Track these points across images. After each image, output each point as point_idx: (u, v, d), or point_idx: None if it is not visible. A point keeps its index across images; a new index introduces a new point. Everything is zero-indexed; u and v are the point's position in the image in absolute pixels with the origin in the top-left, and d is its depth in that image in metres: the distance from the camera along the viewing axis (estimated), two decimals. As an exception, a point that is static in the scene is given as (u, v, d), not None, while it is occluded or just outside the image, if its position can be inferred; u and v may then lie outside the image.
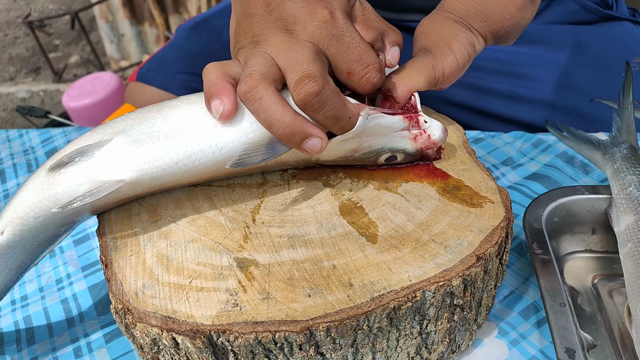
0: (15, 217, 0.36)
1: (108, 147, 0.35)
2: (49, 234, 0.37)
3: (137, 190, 0.36)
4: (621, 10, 0.71)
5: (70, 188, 0.35)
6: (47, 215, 0.36)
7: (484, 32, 0.43)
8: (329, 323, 0.30)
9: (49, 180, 0.36)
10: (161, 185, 0.37)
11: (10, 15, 2.81)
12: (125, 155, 0.35)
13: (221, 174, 0.38)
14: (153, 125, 0.36)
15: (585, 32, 0.68)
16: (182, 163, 0.35)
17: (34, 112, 1.31)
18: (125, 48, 2.25)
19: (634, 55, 0.66)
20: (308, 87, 0.32)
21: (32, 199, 0.36)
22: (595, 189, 0.45)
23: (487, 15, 0.43)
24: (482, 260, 0.33)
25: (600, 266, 0.46)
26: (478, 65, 0.69)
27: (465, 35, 0.41)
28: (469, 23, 0.42)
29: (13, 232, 0.37)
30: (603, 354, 0.39)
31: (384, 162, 0.40)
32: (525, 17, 0.44)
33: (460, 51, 0.40)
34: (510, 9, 0.43)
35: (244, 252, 0.34)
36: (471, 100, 0.70)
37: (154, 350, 0.33)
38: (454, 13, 0.43)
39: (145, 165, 0.35)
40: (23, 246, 0.37)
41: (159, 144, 0.35)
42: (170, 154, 0.35)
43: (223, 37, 0.79)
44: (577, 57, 0.66)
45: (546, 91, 0.66)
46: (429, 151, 0.39)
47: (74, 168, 0.35)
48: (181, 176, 0.36)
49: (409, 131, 0.38)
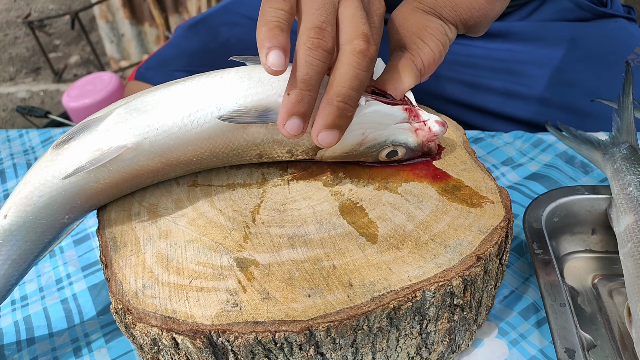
0: (20, 197, 0.36)
1: (110, 118, 0.36)
2: (52, 219, 0.37)
3: (140, 162, 0.36)
4: (616, 8, 0.71)
5: (74, 160, 0.35)
6: (51, 193, 0.36)
7: (453, 20, 0.43)
8: (329, 323, 0.30)
9: (53, 157, 0.36)
10: (162, 155, 0.36)
11: (10, 15, 2.81)
12: (126, 123, 0.36)
13: (220, 144, 0.37)
14: (153, 96, 0.37)
15: (580, 29, 0.68)
16: (182, 124, 0.36)
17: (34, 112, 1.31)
18: (125, 48, 2.25)
19: (629, 52, 0.66)
20: (366, 46, 0.33)
21: (37, 177, 0.36)
22: (595, 189, 0.45)
23: (457, 5, 0.43)
24: (482, 260, 0.33)
25: (600, 266, 0.46)
26: (472, 62, 0.70)
27: (435, 24, 0.42)
28: (438, 12, 0.43)
29: (16, 213, 0.36)
30: (603, 354, 0.39)
31: (385, 159, 0.39)
32: (495, 10, 0.44)
33: (433, 42, 0.41)
34: (479, 0, 0.43)
35: (244, 252, 0.34)
36: (466, 97, 0.71)
37: (154, 350, 0.33)
38: (423, 3, 0.43)
39: (146, 129, 0.36)
40: (26, 231, 0.37)
41: (159, 110, 0.36)
42: (171, 117, 0.36)
43: (221, 36, 0.79)
44: (571, 54, 0.67)
45: (540, 88, 0.67)
46: (431, 144, 0.39)
47: (77, 142, 0.36)
48: (181, 141, 0.36)
49: (409, 124, 0.38)
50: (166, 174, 0.39)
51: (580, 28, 0.68)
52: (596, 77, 0.65)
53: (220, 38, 0.79)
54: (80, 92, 1.49)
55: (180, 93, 0.37)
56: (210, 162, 0.39)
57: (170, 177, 0.40)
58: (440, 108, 0.49)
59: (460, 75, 0.70)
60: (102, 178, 0.36)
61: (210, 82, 0.37)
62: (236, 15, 0.80)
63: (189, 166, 0.39)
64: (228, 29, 0.79)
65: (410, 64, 0.40)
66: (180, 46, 0.82)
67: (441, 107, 0.70)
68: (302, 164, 0.41)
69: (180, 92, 0.37)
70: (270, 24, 0.33)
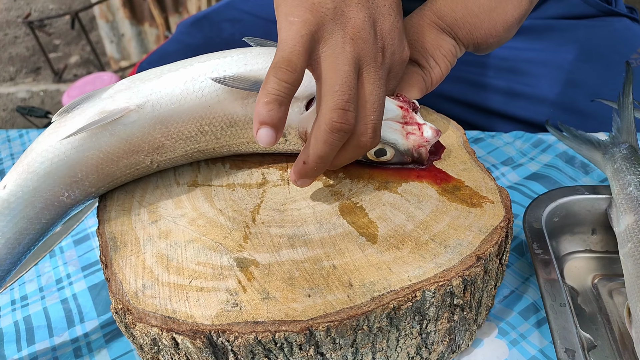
0: (22, 165, 0.36)
1: (114, 87, 0.38)
2: (51, 194, 0.36)
3: (141, 128, 0.37)
4: (620, 7, 0.71)
5: (77, 124, 0.36)
6: (52, 159, 0.36)
7: (467, 42, 0.44)
8: (329, 323, 0.30)
9: (56, 125, 0.36)
10: (164, 122, 0.37)
11: (10, 15, 2.81)
12: (130, 90, 0.37)
13: (219, 114, 0.38)
14: (157, 69, 0.39)
15: (585, 27, 0.67)
16: (184, 88, 0.37)
17: (34, 112, 1.32)
18: (125, 48, 2.25)
19: (633, 51, 0.66)
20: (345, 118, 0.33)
21: (39, 145, 0.36)
22: (595, 189, 0.45)
23: (475, 29, 0.43)
24: (482, 260, 0.33)
25: (600, 266, 0.46)
26: (476, 61, 0.69)
27: (448, 45, 0.43)
28: (454, 32, 0.43)
29: (16, 182, 0.36)
30: (603, 354, 0.39)
31: (373, 157, 0.39)
32: (509, 37, 0.45)
33: (444, 63, 0.43)
34: (498, 27, 0.43)
35: (244, 252, 0.34)
36: (469, 96, 0.70)
37: (153, 350, 0.33)
38: (442, 19, 0.43)
39: (149, 92, 0.37)
40: (24, 204, 0.36)
41: (162, 78, 0.38)
42: (173, 82, 0.37)
43: (224, 32, 0.79)
44: (576, 53, 0.66)
45: (544, 87, 0.66)
46: (421, 150, 0.39)
47: (81, 109, 0.37)
48: (182, 107, 0.37)
49: (402, 125, 0.38)
50: (167, 152, 0.39)
51: (585, 27, 0.67)
52: (600, 78, 0.65)
53: (223, 34, 0.79)
54: (80, 92, 1.49)
55: (184, 65, 0.38)
56: (210, 142, 0.39)
57: (171, 159, 0.39)
58: (443, 107, 0.49)
59: (463, 73, 0.70)
60: (103, 145, 0.36)
61: (214, 56, 0.38)
62: (239, 11, 0.80)
63: (189, 143, 0.39)
64: (231, 26, 0.79)
65: (420, 80, 0.42)
66: (183, 42, 0.82)
67: (444, 106, 0.70)
68: (302, 164, 0.41)
69: (184, 64, 0.38)
70: (270, 96, 0.31)
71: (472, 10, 0.43)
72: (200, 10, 2.01)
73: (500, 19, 0.43)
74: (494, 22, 0.43)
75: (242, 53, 0.38)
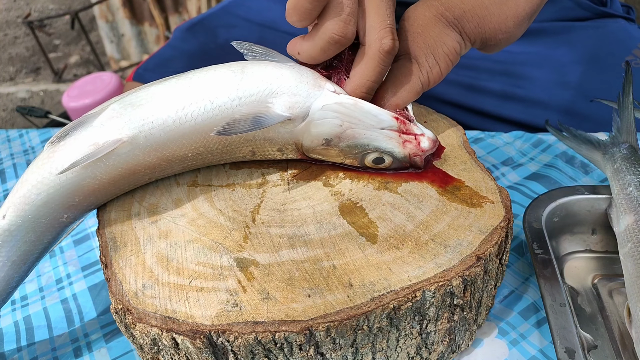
0: (18, 196, 0.36)
1: (104, 114, 0.36)
2: (51, 218, 0.37)
3: (136, 156, 0.36)
4: (615, 8, 0.71)
5: (70, 156, 0.35)
6: (48, 191, 0.36)
7: (474, 37, 0.41)
8: (328, 323, 0.30)
9: (49, 155, 0.36)
10: (158, 149, 0.37)
11: (10, 15, 2.81)
12: (121, 118, 0.36)
13: (214, 138, 0.37)
14: (147, 91, 0.37)
15: (579, 29, 0.68)
16: (176, 117, 0.36)
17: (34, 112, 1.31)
18: (125, 48, 2.25)
19: (628, 52, 0.65)
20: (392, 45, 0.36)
21: (34, 175, 0.36)
22: (595, 189, 0.45)
23: (484, 22, 0.41)
24: (482, 260, 0.33)
25: (600, 266, 0.46)
26: (471, 64, 0.69)
27: (452, 42, 0.40)
28: (461, 25, 0.40)
29: (15, 213, 0.36)
30: (603, 354, 0.39)
31: (371, 164, 0.39)
32: (519, 34, 0.43)
33: (445, 62, 0.40)
34: (509, 22, 0.41)
35: (243, 252, 0.34)
36: (464, 99, 0.70)
37: (153, 351, 0.33)
38: (450, 11, 0.40)
39: (141, 122, 0.36)
40: (25, 231, 0.36)
41: (153, 104, 0.36)
42: (166, 110, 0.36)
43: (219, 38, 0.79)
44: (571, 55, 0.66)
45: (539, 90, 0.66)
46: (416, 158, 0.38)
47: (72, 138, 0.36)
48: (176, 134, 0.36)
49: (398, 134, 0.38)
50: (163, 171, 0.39)
51: (579, 29, 0.68)
52: (595, 79, 0.65)
53: (219, 40, 0.79)
54: (80, 92, 1.49)
55: (174, 87, 0.37)
56: (206, 159, 0.39)
57: (168, 174, 0.40)
58: (438, 110, 0.49)
59: (458, 77, 0.70)
60: (99, 174, 0.36)
61: (204, 76, 0.37)
62: (234, 17, 0.80)
63: (185, 162, 0.39)
64: (226, 31, 0.79)
65: (416, 81, 0.39)
66: (179, 48, 0.82)
67: (438, 109, 0.70)
68: (302, 164, 0.41)
69: (174, 87, 0.37)
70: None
71: (483, 1, 0.40)
72: (200, 10, 2.00)
73: (512, 12, 0.41)
74: (504, 16, 0.41)
75: (233, 73, 0.37)
